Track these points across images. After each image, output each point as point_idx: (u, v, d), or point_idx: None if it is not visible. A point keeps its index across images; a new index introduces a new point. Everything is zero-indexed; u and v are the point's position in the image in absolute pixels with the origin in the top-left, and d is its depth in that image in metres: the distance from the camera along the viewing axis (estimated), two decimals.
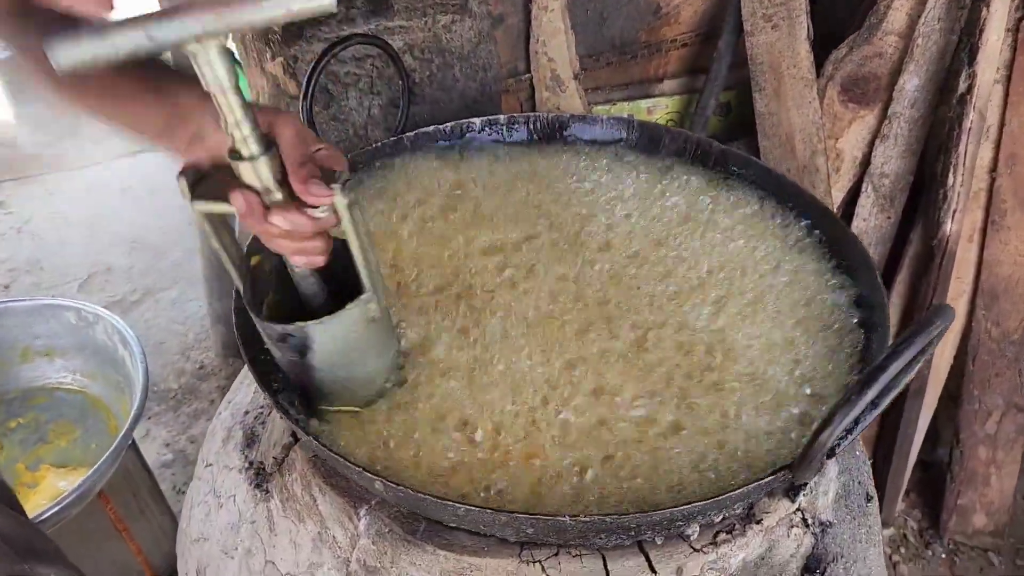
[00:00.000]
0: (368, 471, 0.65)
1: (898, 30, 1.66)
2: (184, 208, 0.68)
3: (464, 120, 1.22)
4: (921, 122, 1.69)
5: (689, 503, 0.62)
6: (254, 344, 0.84)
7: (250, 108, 0.58)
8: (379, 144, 1.17)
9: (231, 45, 1.51)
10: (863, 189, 1.76)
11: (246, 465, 0.96)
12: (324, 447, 0.70)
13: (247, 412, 1.06)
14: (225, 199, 0.62)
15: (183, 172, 0.63)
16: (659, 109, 1.99)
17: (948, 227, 1.61)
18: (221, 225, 0.69)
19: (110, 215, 3.23)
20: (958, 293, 1.71)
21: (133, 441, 1.52)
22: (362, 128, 1.31)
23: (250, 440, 1.00)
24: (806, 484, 0.78)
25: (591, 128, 1.24)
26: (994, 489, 1.70)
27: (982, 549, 1.71)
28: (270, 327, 0.73)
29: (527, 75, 1.87)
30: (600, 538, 0.69)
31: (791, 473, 0.65)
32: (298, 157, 0.61)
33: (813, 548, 0.81)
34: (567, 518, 0.61)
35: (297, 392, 0.84)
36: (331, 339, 0.74)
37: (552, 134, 1.25)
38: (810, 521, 0.82)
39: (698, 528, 0.72)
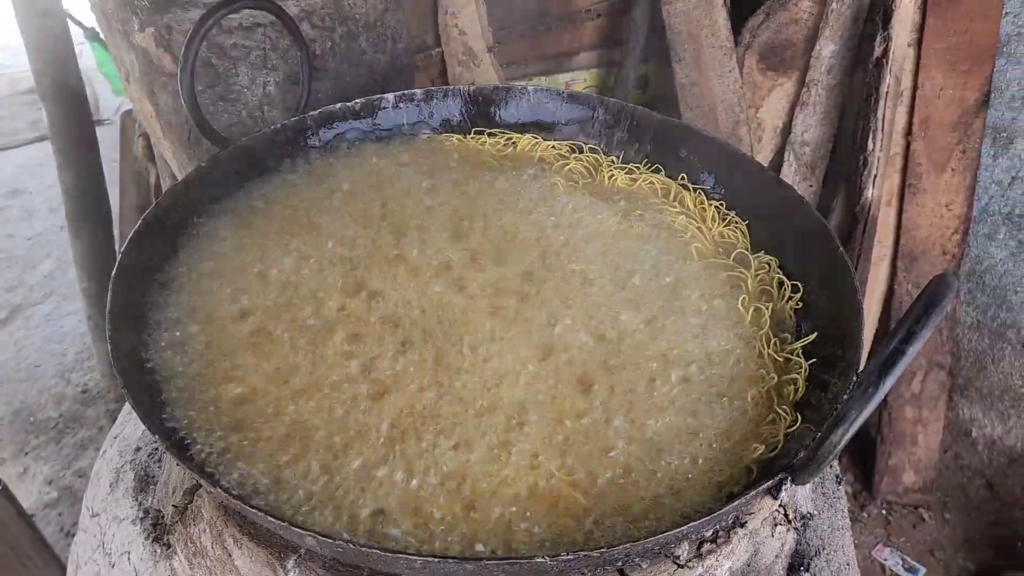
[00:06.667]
0: (296, 526, 0.52)
1: None
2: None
3: (376, 96, 1.08)
4: (838, 88, 1.68)
5: (687, 523, 0.53)
6: (135, 369, 0.69)
7: None
8: (278, 126, 1.02)
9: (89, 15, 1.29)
10: (785, 158, 1.75)
11: (141, 514, 0.80)
12: (240, 501, 0.56)
13: (138, 448, 0.89)
14: None
15: None
16: (578, 83, 1.91)
17: (870, 192, 1.61)
18: None
19: None
20: (880, 257, 1.72)
21: (4, 486, 1.30)
22: (257, 109, 1.14)
23: (144, 483, 0.84)
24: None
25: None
26: (921, 447, 1.73)
27: (913, 506, 1.75)
28: None
29: (437, 49, 1.75)
30: (582, 573, 0.59)
31: (791, 477, 0.58)
32: None
33: (796, 545, 0.75)
34: (546, 559, 0.51)
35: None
36: None
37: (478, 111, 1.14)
38: (792, 516, 0.75)
39: (686, 546, 0.64)
